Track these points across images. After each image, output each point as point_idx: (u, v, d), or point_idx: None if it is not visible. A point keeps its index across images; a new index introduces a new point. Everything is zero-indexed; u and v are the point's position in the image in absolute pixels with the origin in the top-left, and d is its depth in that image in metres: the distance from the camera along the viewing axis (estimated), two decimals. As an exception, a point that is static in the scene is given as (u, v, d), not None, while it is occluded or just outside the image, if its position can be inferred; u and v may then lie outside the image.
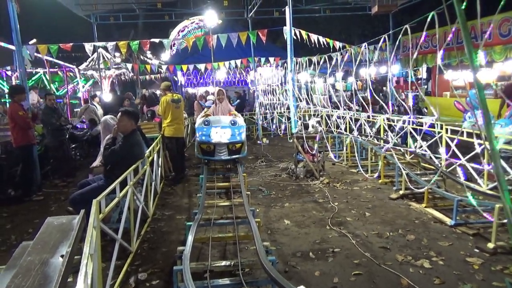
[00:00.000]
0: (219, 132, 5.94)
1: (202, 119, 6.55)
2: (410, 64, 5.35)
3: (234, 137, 6.10)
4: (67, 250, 1.89)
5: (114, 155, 4.38)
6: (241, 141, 6.22)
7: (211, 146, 5.93)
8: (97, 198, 2.84)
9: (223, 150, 5.87)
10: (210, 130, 6.04)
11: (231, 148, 6.00)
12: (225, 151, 5.90)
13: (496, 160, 2.34)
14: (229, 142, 6.06)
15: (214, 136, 5.86)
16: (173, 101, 7.32)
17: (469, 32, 2.37)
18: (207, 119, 6.33)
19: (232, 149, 6.08)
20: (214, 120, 6.28)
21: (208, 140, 5.87)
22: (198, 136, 6.12)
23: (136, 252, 4.12)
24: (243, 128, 6.39)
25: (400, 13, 15.87)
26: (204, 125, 6.24)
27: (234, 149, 6.16)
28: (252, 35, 9.31)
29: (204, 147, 6.04)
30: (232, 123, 6.28)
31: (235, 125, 6.27)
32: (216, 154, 5.94)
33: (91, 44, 9.33)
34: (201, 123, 6.39)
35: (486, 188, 5.22)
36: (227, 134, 5.98)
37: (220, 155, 5.92)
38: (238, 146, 6.21)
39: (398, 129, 7.40)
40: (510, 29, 9.95)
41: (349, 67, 16.91)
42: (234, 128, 6.25)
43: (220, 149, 5.88)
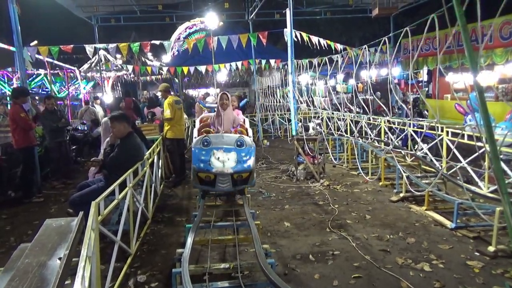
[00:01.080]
0: (222, 157, 4.73)
1: (200, 138, 4.96)
2: (411, 67, 5.34)
3: (240, 164, 4.77)
4: (65, 252, 1.88)
5: (113, 162, 4.39)
6: (249, 169, 4.77)
7: (211, 176, 4.67)
8: (96, 200, 2.83)
9: (226, 180, 4.69)
10: (210, 154, 4.76)
11: (236, 178, 4.74)
12: (228, 182, 4.69)
13: (497, 163, 2.33)
14: (234, 172, 4.66)
15: (216, 163, 4.67)
16: (176, 103, 7.32)
17: (469, 34, 2.36)
18: (206, 138, 4.89)
19: (238, 179, 4.76)
20: (215, 140, 4.93)
21: (208, 169, 4.61)
22: (195, 163, 4.70)
23: (136, 254, 4.11)
24: (252, 151, 4.91)
25: (400, 16, 15.88)
26: (203, 146, 4.85)
27: (240, 179, 4.80)
28: (253, 37, 9.32)
29: (203, 176, 4.71)
30: (238, 143, 4.89)
31: (242, 147, 4.90)
32: (217, 185, 4.71)
33: (92, 46, 9.33)
34: (199, 142, 4.90)
35: (487, 191, 5.21)
36: (231, 160, 4.75)
37: (222, 186, 4.70)
38: (245, 176, 4.80)
39: (398, 132, 7.40)
40: (511, 32, 9.94)
41: (350, 69, 16.93)
42: (241, 151, 4.87)
43: (222, 179, 4.68)
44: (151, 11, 15.14)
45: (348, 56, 9.12)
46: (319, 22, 19.52)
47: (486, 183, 5.35)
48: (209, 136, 4.96)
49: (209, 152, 4.81)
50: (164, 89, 7.68)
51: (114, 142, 4.64)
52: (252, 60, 13.86)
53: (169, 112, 7.18)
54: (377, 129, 8.65)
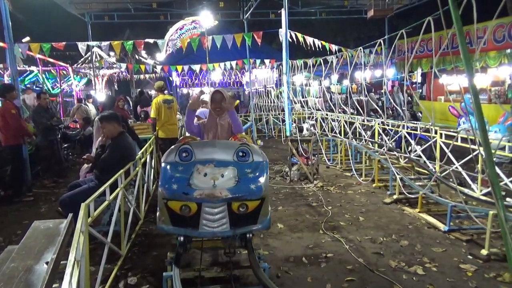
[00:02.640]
0: (211, 172, 3.00)
1: (175, 147, 3.25)
2: (406, 70, 5.34)
3: (244, 185, 2.99)
4: (52, 257, 1.84)
5: (104, 163, 4.32)
6: (258, 194, 2.99)
7: (192, 206, 2.90)
8: (86, 202, 2.77)
9: (218, 213, 2.93)
10: (190, 170, 3.03)
11: (236, 211, 2.94)
12: (222, 218, 2.93)
13: (491, 168, 2.32)
14: (233, 197, 2.91)
15: (200, 182, 2.94)
16: (165, 102, 7.26)
17: (465, 38, 2.35)
18: (185, 147, 3.18)
19: (239, 213, 2.96)
20: (201, 149, 3.22)
21: (185, 192, 2.88)
22: (164, 184, 2.98)
23: (126, 256, 4.05)
24: (263, 167, 3.18)
25: (395, 17, 15.93)
26: (180, 159, 3.14)
27: (244, 213, 2.97)
28: (247, 37, 9.29)
29: (176, 208, 2.92)
30: (240, 154, 3.18)
31: (246, 159, 3.17)
32: (202, 224, 2.92)
33: (84, 43, 9.23)
34: (173, 153, 3.19)
35: (480, 194, 5.22)
36: (227, 177, 3.00)
37: (212, 227, 2.92)
38: (252, 206, 3.00)
39: (392, 134, 7.41)
40: (504, 35, 10.02)
41: (345, 69, 16.97)
42: (244, 166, 3.13)
43: (211, 211, 2.92)
44: (145, 9, 15.04)
45: (343, 57, 9.13)
46: (314, 22, 19.52)
47: (479, 185, 5.36)
48: (191, 144, 3.20)
49: (190, 167, 3.02)
50: (156, 87, 7.64)
51: (105, 143, 4.57)
52: (246, 59, 13.82)
53: (152, 112, 7.26)
54: (371, 130, 8.67)
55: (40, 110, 7.51)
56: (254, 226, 3.02)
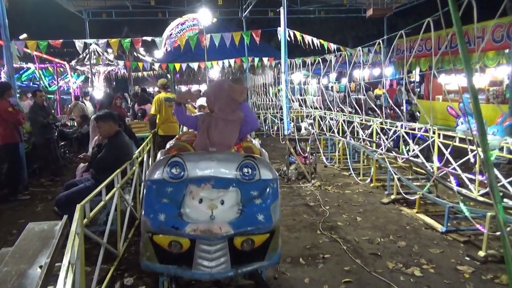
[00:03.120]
0: (209, 198, 2.52)
1: (163, 160, 2.72)
2: (405, 71, 5.32)
3: (249, 216, 2.48)
4: (46, 261, 1.81)
5: (101, 162, 4.29)
6: (267, 227, 2.48)
7: (184, 243, 2.43)
8: (81, 203, 2.75)
9: (217, 252, 2.42)
10: (181, 193, 2.55)
11: (239, 247, 2.45)
12: (221, 256, 2.43)
13: (490, 171, 2.30)
14: (236, 233, 2.41)
15: (194, 212, 2.47)
16: (167, 100, 7.25)
17: (464, 40, 2.33)
18: (176, 160, 2.66)
19: (244, 249, 2.46)
20: (194, 162, 2.69)
21: (176, 226, 2.41)
22: (149, 213, 2.51)
23: (123, 256, 4.03)
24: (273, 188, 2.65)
25: (394, 16, 15.92)
26: (169, 176, 2.63)
27: (249, 249, 2.48)
28: (246, 35, 9.25)
29: (164, 243, 2.48)
30: (244, 172, 2.65)
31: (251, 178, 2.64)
32: (198, 263, 2.43)
33: (82, 41, 9.18)
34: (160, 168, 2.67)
35: (478, 195, 5.22)
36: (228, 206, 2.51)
37: (210, 267, 2.43)
38: (260, 241, 2.50)
39: (391, 133, 7.39)
40: (503, 35, 9.99)
41: (343, 68, 16.94)
42: (250, 187, 2.61)
43: (208, 249, 2.42)
44: (144, 6, 14.98)
45: (342, 56, 9.10)
46: (313, 20, 19.50)
47: (476, 186, 5.36)
48: (182, 156, 2.65)
49: (181, 188, 2.50)
50: (160, 84, 7.66)
51: (102, 142, 4.53)
52: (245, 58, 13.78)
53: (153, 108, 7.25)
54: (369, 129, 8.65)
55: (36, 108, 7.46)
56: (261, 263, 2.49)
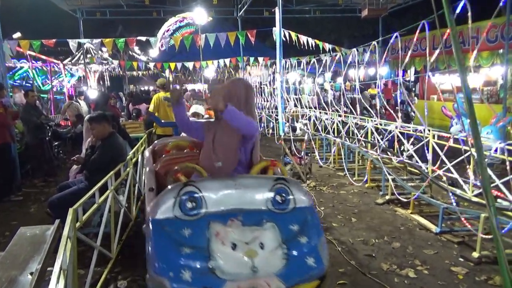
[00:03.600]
0: (241, 241, 1.93)
1: (173, 189, 2.12)
2: (400, 69, 5.33)
3: (298, 261, 1.99)
4: (37, 267, 1.79)
5: (94, 164, 4.26)
6: (320, 272, 2.08)
7: None
8: (74, 207, 2.72)
9: None
10: (204, 232, 1.97)
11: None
12: None
13: (484, 174, 2.31)
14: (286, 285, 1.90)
15: (227, 262, 1.85)
16: (166, 99, 7.21)
17: (459, 42, 2.33)
18: (190, 188, 2.08)
19: None
20: (214, 191, 2.11)
21: (209, 285, 1.80)
22: (163, 270, 1.86)
23: (117, 258, 4.00)
24: (312, 216, 2.21)
25: (389, 16, 15.96)
26: (184, 211, 2.05)
27: None
28: (241, 35, 9.23)
29: None
30: (277, 199, 2.14)
31: (285, 205, 2.15)
32: None
33: (75, 40, 9.11)
34: (169, 199, 2.08)
35: (472, 195, 5.24)
36: (270, 249, 1.95)
37: None
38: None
39: (386, 134, 7.40)
40: (497, 35, 10.06)
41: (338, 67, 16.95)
42: (287, 218, 2.11)
43: None
44: (138, 5, 14.90)
45: (337, 56, 9.11)
46: (309, 20, 19.51)
47: (470, 186, 5.38)
48: (196, 183, 2.11)
49: (201, 230, 1.99)
50: (159, 84, 7.67)
51: (95, 143, 4.50)
52: (240, 57, 13.76)
53: (152, 106, 7.24)
54: (364, 130, 8.66)
55: (28, 108, 7.39)
56: None
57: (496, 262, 3.54)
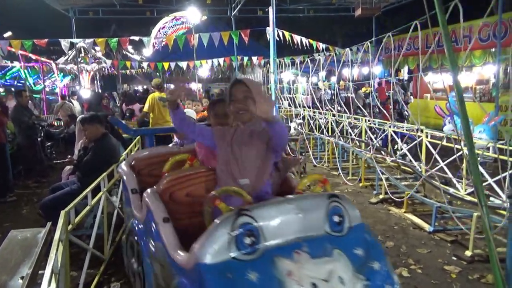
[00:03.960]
0: (319, 278, 1.61)
1: (226, 219, 1.68)
2: (393, 69, 5.34)
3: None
4: (27, 272, 1.77)
5: (87, 166, 4.23)
6: None
7: None
8: (65, 209, 2.70)
9: None
10: (272, 273, 1.58)
11: None
12: None
13: (476, 174, 2.32)
14: None
15: None
16: (161, 99, 7.20)
17: (451, 42, 2.34)
18: (246, 219, 1.66)
19: None
20: (268, 219, 1.71)
21: None
22: None
23: (110, 260, 3.97)
24: (370, 235, 2.06)
25: (383, 15, 16.02)
26: (244, 252, 1.63)
27: None
28: (235, 35, 9.21)
29: None
30: (335, 220, 1.86)
31: (341, 226, 1.88)
32: None
33: (68, 40, 9.04)
34: (221, 235, 1.63)
35: (465, 193, 5.28)
36: (350, 284, 1.66)
37: None
38: None
39: (380, 133, 7.45)
40: (489, 34, 10.13)
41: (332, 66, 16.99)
42: (347, 242, 1.85)
43: None
44: (131, 5, 14.82)
45: (331, 56, 9.12)
46: (302, 19, 19.53)
47: (463, 185, 5.42)
48: (251, 212, 1.71)
49: (268, 270, 1.60)
50: (154, 84, 7.63)
51: (88, 145, 4.47)
52: (234, 56, 13.74)
53: (147, 106, 7.20)
54: (358, 129, 8.70)
55: (20, 108, 7.32)
56: None
57: (489, 261, 3.57)
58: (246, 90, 2.18)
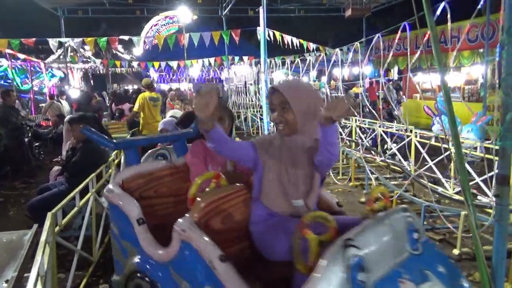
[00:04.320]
0: None
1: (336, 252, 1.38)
2: (381, 72, 5.38)
3: None
4: (12, 275, 1.74)
5: (75, 167, 4.18)
6: None
7: None
8: (52, 210, 2.66)
9: None
10: None
11: None
12: None
13: (463, 174, 2.34)
14: None
15: None
16: (151, 99, 7.15)
17: (439, 43, 2.36)
18: (355, 251, 1.39)
19: None
20: (370, 247, 1.47)
21: None
22: None
23: (98, 262, 3.93)
24: (438, 249, 2.04)
25: (373, 16, 16.12)
26: None
27: None
28: (225, 35, 9.19)
29: None
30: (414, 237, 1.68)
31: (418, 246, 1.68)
32: None
33: (56, 39, 8.93)
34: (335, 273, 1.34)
35: (453, 192, 5.34)
36: None
37: None
38: None
39: (370, 132, 7.50)
40: (477, 35, 10.26)
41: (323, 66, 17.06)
42: (429, 259, 1.70)
43: None
44: (121, 4, 14.70)
45: (321, 56, 9.16)
46: (293, 19, 19.58)
47: (451, 184, 5.48)
48: (356, 240, 1.42)
49: None
50: (144, 84, 7.57)
51: (76, 145, 4.41)
52: (225, 56, 13.72)
53: (137, 106, 7.12)
54: (348, 128, 8.74)
55: (7, 109, 7.21)
56: None
57: (476, 259, 3.62)
58: (283, 101, 1.89)
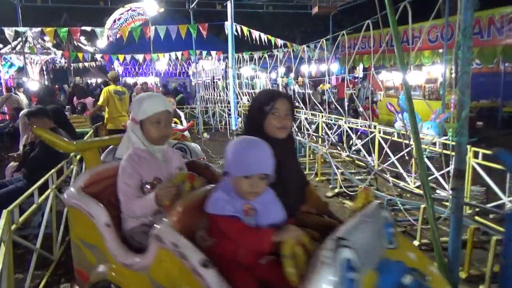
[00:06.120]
0: None
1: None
2: (346, 70, 5.50)
3: None
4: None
5: (34, 162, 4.00)
6: None
7: None
8: (8, 208, 2.54)
9: None
10: None
11: None
12: None
13: (422, 169, 2.44)
14: None
15: None
16: (116, 93, 6.94)
17: (400, 42, 2.44)
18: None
19: None
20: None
21: None
22: None
23: (60, 260, 3.80)
24: None
25: (339, 13, 16.39)
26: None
27: None
28: (192, 28, 9.07)
29: None
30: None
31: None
32: None
33: (12, 29, 8.49)
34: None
35: (414, 186, 5.56)
36: None
37: None
38: None
39: (336, 128, 7.65)
40: (437, 35, 10.67)
41: (290, 62, 17.21)
42: None
43: None
44: (84, -7, 14.18)
45: (288, 51, 9.23)
46: (262, 15, 19.59)
47: (413, 178, 5.70)
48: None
49: None
50: (110, 77, 7.34)
51: (35, 140, 4.23)
52: (192, 50, 13.54)
53: (101, 100, 6.93)
54: (315, 125, 8.88)
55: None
56: None
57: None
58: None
